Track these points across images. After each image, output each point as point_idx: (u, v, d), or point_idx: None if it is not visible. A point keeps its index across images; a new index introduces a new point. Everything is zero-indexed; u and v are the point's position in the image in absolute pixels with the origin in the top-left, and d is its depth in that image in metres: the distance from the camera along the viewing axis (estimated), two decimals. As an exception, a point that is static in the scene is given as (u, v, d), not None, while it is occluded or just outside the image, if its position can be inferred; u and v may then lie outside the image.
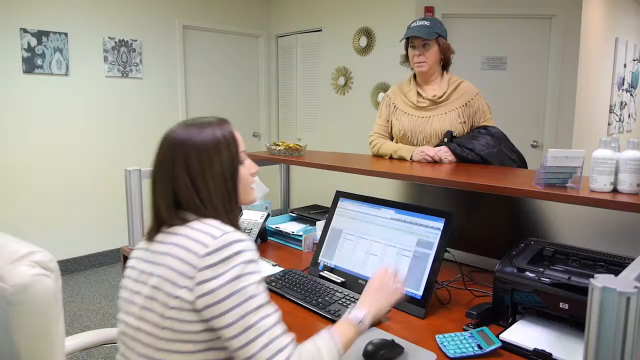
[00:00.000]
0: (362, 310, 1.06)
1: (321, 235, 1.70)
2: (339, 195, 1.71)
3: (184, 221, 1.00)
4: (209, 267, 0.90)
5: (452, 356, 1.11)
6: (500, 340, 1.15)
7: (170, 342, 0.93)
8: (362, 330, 1.05)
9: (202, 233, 0.95)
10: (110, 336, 1.40)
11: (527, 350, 1.11)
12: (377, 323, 1.29)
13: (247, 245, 0.94)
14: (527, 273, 1.22)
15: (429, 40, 2.01)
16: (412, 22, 2.06)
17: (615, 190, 1.25)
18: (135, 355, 0.98)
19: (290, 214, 2.25)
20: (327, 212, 1.83)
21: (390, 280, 1.16)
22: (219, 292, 0.89)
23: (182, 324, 0.92)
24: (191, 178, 1.01)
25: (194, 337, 0.92)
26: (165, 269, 0.95)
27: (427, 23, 2.02)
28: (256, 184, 2.22)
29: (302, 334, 1.24)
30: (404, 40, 2.10)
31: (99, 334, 1.40)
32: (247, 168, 1.11)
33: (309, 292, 1.45)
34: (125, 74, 4.15)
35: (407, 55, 2.12)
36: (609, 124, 5.14)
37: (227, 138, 1.05)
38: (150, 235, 1.04)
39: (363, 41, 4.28)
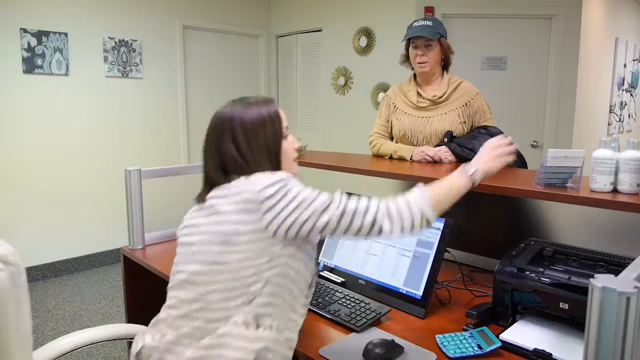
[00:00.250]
0: (474, 166, 1.18)
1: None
2: (339, 195, 1.71)
3: (231, 181, 1.08)
4: (269, 198, 1.01)
5: (452, 356, 1.11)
6: (500, 340, 1.15)
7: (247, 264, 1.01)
8: (474, 182, 1.16)
9: (254, 178, 1.05)
10: (119, 332, 1.38)
11: (527, 350, 1.11)
12: (377, 323, 1.29)
13: (295, 179, 1.06)
14: (527, 273, 1.22)
15: (432, 41, 2.01)
16: (414, 22, 2.06)
17: (615, 190, 1.25)
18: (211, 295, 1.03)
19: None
20: (327, 212, 1.82)
21: (504, 145, 1.24)
22: (284, 212, 1.00)
23: (258, 254, 1.00)
24: (237, 148, 1.10)
25: (273, 262, 1.02)
26: (225, 214, 1.03)
27: (429, 23, 2.02)
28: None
29: (302, 333, 1.24)
30: (405, 41, 2.09)
31: (107, 329, 1.38)
32: (290, 143, 1.19)
33: (309, 292, 1.45)
34: (125, 74, 4.15)
35: (406, 56, 2.12)
36: (609, 124, 5.14)
37: (271, 116, 1.14)
38: (201, 197, 1.12)
39: (363, 41, 4.28)
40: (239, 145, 1.10)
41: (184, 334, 1.03)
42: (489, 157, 1.22)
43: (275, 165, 1.13)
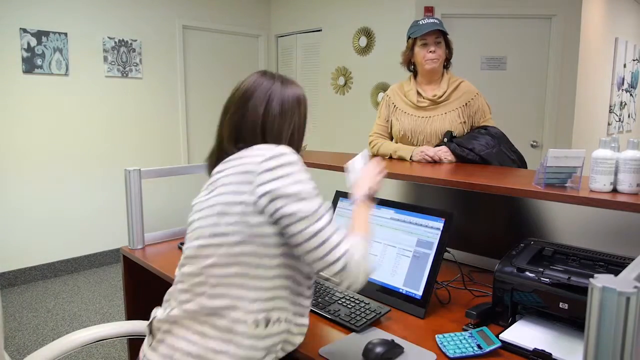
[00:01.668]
0: (362, 190, 1.19)
1: (321, 235, 1.69)
2: (339, 195, 1.71)
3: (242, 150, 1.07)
4: (268, 171, 0.99)
5: (451, 356, 1.11)
6: (500, 340, 1.15)
7: (245, 248, 0.99)
8: (371, 202, 1.18)
9: (258, 150, 1.04)
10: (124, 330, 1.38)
11: (527, 350, 1.11)
12: (377, 323, 1.29)
13: (298, 158, 1.04)
14: (527, 273, 1.22)
15: (441, 37, 2.03)
16: (420, 20, 2.06)
17: (615, 190, 1.25)
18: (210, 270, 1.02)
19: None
20: (327, 212, 1.82)
21: (379, 171, 1.27)
22: (279, 191, 0.97)
23: (251, 228, 0.98)
24: (265, 119, 1.08)
25: (266, 240, 0.99)
26: (226, 186, 1.03)
27: (436, 21, 2.04)
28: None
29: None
30: (405, 41, 2.09)
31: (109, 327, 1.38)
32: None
33: (308, 292, 1.45)
34: (125, 74, 4.15)
35: (408, 56, 2.11)
36: (608, 124, 5.15)
37: (305, 100, 1.17)
38: (210, 168, 1.13)
39: (363, 41, 4.28)
40: (269, 116, 1.09)
41: (190, 310, 1.01)
42: (370, 180, 1.24)
43: (297, 144, 1.15)
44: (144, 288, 2.01)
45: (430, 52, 2.03)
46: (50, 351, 1.24)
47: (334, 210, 1.69)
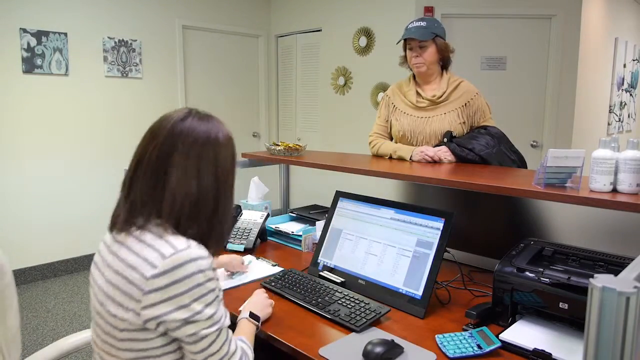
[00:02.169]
0: (245, 312, 1.20)
1: (321, 235, 1.70)
2: (339, 195, 1.71)
3: (145, 229, 0.94)
4: (156, 291, 0.87)
5: (451, 356, 1.11)
6: (500, 340, 1.15)
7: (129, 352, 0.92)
8: (257, 326, 1.19)
9: (153, 250, 0.90)
10: None
11: (527, 350, 1.11)
12: (377, 323, 1.29)
13: (200, 265, 0.89)
14: (527, 273, 1.22)
15: (425, 42, 2.01)
16: (409, 23, 2.06)
17: (614, 190, 1.25)
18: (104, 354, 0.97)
19: (290, 214, 2.25)
20: (326, 212, 1.82)
21: (268, 300, 1.32)
22: (168, 317, 0.87)
23: (138, 343, 0.90)
24: (200, 186, 0.95)
25: (153, 352, 0.92)
26: (111, 287, 0.92)
27: (423, 24, 2.02)
28: (256, 184, 2.23)
29: (302, 333, 1.24)
30: (402, 42, 2.09)
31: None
32: None
33: (308, 292, 1.45)
34: (124, 74, 4.15)
35: (405, 57, 2.13)
36: (608, 124, 5.15)
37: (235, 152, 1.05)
38: (112, 226, 1.00)
39: (363, 41, 4.28)
40: (204, 183, 0.95)
41: None
42: (262, 305, 1.28)
43: (218, 228, 0.99)
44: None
45: (414, 56, 2.04)
46: (49, 353, 1.24)
47: (334, 210, 1.69)
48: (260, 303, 1.29)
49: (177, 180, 0.93)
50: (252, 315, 1.20)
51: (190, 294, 0.88)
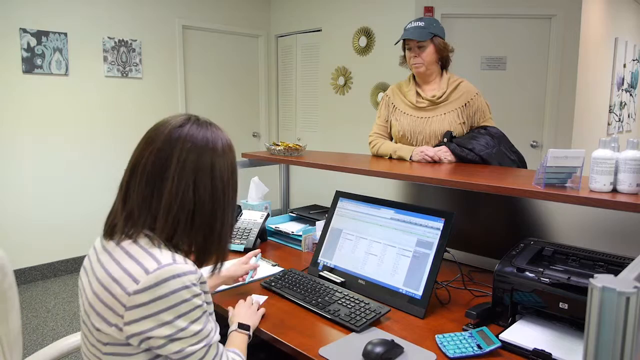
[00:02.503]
0: (235, 324, 1.20)
1: (321, 235, 1.70)
2: (339, 195, 1.71)
3: (135, 239, 0.91)
4: (138, 307, 0.84)
5: (451, 356, 1.11)
6: (500, 340, 1.15)
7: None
8: (249, 335, 1.18)
9: (137, 264, 0.87)
10: None
11: (527, 350, 1.11)
12: (377, 323, 1.29)
13: (185, 281, 0.86)
14: (527, 273, 1.22)
15: (424, 42, 2.01)
16: (408, 24, 2.06)
17: (614, 190, 1.25)
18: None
19: (290, 214, 2.25)
20: (326, 212, 1.83)
21: (256, 305, 1.33)
22: (151, 333, 0.85)
23: (122, 357, 0.89)
24: (197, 201, 0.92)
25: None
26: (96, 299, 0.90)
27: (421, 24, 2.02)
28: (256, 184, 2.23)
29: (302, 333, 1.24)
30: (401, 42, 2.10)
31: None
32: None
33: (308, 292, 1.45)
34: (124, 74, 4.15)
35: (405, 57, 2.13)
36: (608, 124, 5.15)
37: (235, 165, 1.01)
38: (107, 232, 0.96)
39: (363, 41, 4.28)
40: (200, 193, 0.92)
41: None
42: (247, 314, 1.27)
43: (216, 243, 0.96)
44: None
45: (412, 57, 2.04)
46: (49, 353, 1.24)
47: (334, 210, 1.69)
48: (244, 313, 1.27)
49: (174, 190, 0.90)
50: (241, 326, 1.19)
51: (173, 310, 0.85)
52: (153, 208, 0.91)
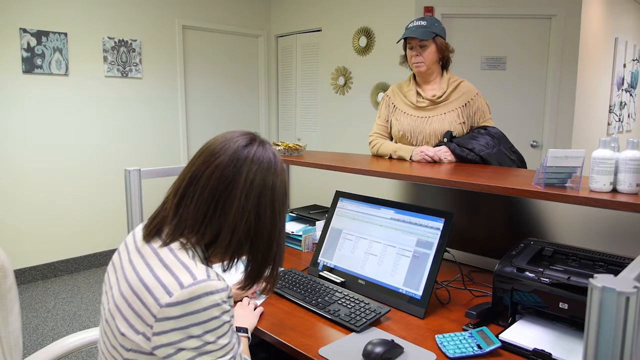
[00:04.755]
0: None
1: (321, 235, 1.70)
2: (339, 195, 1.71)
3: (177, 249, 0.91)
4: (169, 319, 0.84)
5: (451, 356, 1.11)
6: (500, 340, 1.15)
7: None
8: (249, 337, 1.19)
9: (172, 276, 0.87)
10: None
11: (527, 350, 1.11)
12: (377, 323, 1.29)
13: (216, 299, 0.86)
14: (527, 273, 1.22)
15: (426, 41, 2.01)
16: (410, 23, 2.06)
17: (614, 190, 1.25)
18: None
19: (290, 214, 2.25)
20: (326, 212, 1.83)
21: (252, 306, 1.34)
22: (179, 345, 0.84)
23: None
24: (259, 222, 0.93)
25: None
26: (124, 303, 0.89)
27: (423, 23, 2.02)
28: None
29: (302, 333, 1.24)
30: (402, 41, 2.10)
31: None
32: None
33: (308, 292, 1.45)
34: (124, 74, 4.15)
35: (405, 56, 2.13)
36: (608, 124, 5.15)
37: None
38: (147, 234, 0.96)
39: (363, 41, 4.28)
40: (263, 215, 0.93)
41: None
42: (245, 316, 1.27)
43: (270, 263, 0.98)
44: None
45: (414, 55, 2.04)
46: (49, 353, 1.24)
47: (334, 210, 1.69)
48: (242, 315, 1.28)
49: (240, 210, 0.91)
50: (239, 329, 1.20)
51: (203, 326, 0.85)
52: (214, 223, 0.92)
